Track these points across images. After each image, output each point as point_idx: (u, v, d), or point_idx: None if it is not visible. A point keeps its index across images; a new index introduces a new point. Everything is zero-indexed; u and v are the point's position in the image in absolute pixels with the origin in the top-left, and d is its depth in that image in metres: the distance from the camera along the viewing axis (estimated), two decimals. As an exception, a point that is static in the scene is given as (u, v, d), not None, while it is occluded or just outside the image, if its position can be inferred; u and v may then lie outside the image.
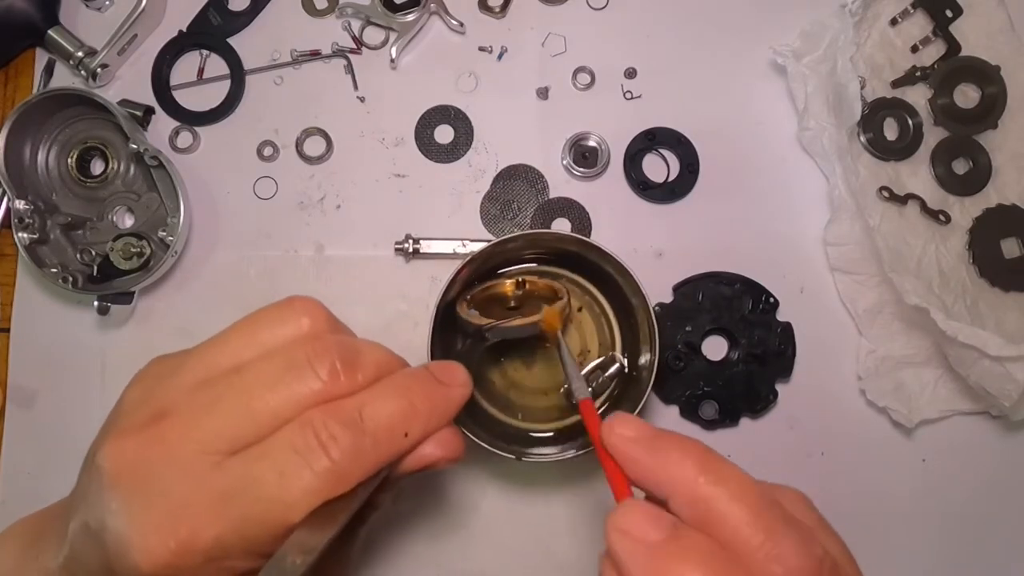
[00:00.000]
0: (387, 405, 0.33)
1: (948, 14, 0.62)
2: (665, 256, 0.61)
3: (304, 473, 0.30)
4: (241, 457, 0.31)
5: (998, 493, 0.59)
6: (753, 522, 0.27)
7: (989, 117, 0.62)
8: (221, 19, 0.63)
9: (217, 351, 0.34)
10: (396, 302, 0.60)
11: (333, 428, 0.31)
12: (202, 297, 0.60)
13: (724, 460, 0.30)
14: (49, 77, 0.62)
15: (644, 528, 0.28)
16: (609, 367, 0.53)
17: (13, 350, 0.59)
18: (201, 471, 0.30)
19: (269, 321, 0.34)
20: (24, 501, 0.57)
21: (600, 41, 0.63)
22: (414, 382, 0.34)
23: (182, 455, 0.31)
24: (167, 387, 0.33)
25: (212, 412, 0.31)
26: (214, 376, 0.33)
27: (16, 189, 0.56)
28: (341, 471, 0.31)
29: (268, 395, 0.31)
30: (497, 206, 0.61)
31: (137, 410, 0.33)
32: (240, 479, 0.30)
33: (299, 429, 0.31)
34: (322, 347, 0.33)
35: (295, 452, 0.30)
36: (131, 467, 0.31)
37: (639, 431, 0.31)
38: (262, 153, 0.62)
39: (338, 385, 0.32)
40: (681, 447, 0.30)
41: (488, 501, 0.57)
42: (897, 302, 0.58)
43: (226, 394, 0.32)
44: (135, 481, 0.31)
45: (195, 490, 0.30)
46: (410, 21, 0.62)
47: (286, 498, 0.30)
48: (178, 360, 0.34)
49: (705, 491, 0.28)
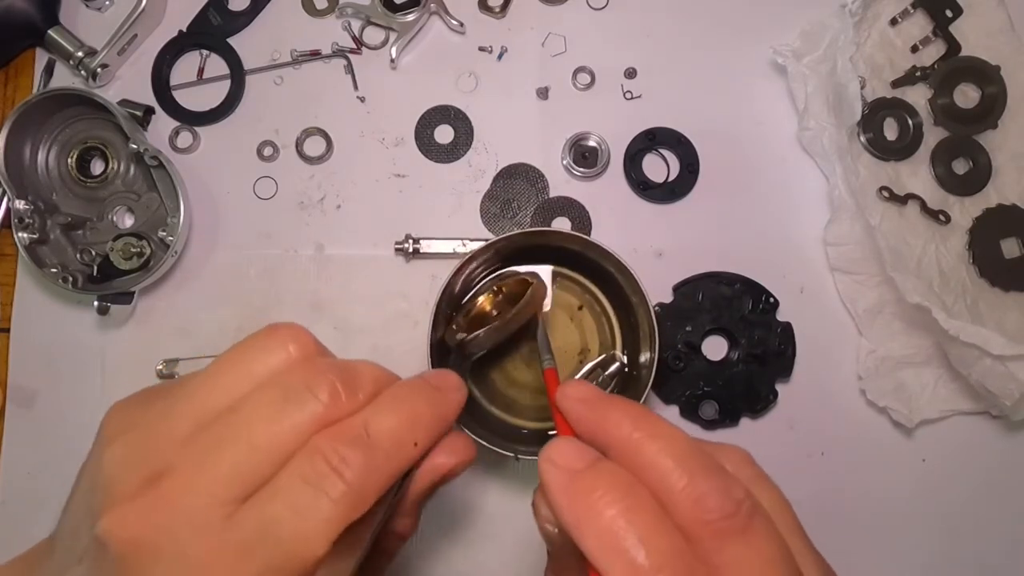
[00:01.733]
0: (391, 417, 0.32)
1: (948, 14, 0.62)
2: (665, 256, 0.61)
3: (321, 503, 0.29)
4: (253, 502, 0.29)
5: (998, 493, 0.59)
6: (677, 467, 0.28)
7: (989, 117, 0.62)
8: (221, 19, 0.63)
9: (205, 391, 0.31)
10: (396, 301, 0.60)
11: (342, 450, 0.29)
12: (202, 297, 0.60)
13: (661, 420, 0.30)
14: (49, 77, 0.62)
15: (569, 458, 0.29)
16: (609, 366, 0.53)
17: (13, 350, 0.59)
18: (215, 526, 0.28)
19: (255, 351, 0.32)
20: (24, 501, 0.57)
21: (600, 41, 0.63)
22: (412, 392, 0.34)
23: (191, 512, 0.29)
24: (157, 441, 0.30)
25: (214, 460, 0.29)
26: (207, 419, 0.30)
27: (16, 189, 0.56)
28: (358, 492, 0.30)
29: (270, 429, 0.30)
30: (497, 205, 0.61)
31: (128, 473, 0.30)
32: (257, 526, 0.29)
33: (307, 458, 0.29)
34: (318, 370, 0.31)
35: (307, 483, 0.29)
36: (138, 538, 0.29)
37: (586, 393, 0.33)
38: (262, 153, 0.62)
39: (340, 406, 0.31)
40: (621, 408, 0.31)
41: (490, 500, 0.57)
42: (897, 302, 0.58)
43: (225, 437, 0.30)
44: (146, 552, 0.29)
45: (212, 547, 0.28)
46: (410, 21, 0.62)
47: (307, 534, 0.29)
48: (160, 406, 0.32)
49: (637, 443, 0.29)
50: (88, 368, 0.59)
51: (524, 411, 0.54)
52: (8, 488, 0.58)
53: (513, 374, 0.54)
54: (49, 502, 0.43)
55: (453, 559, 0.57)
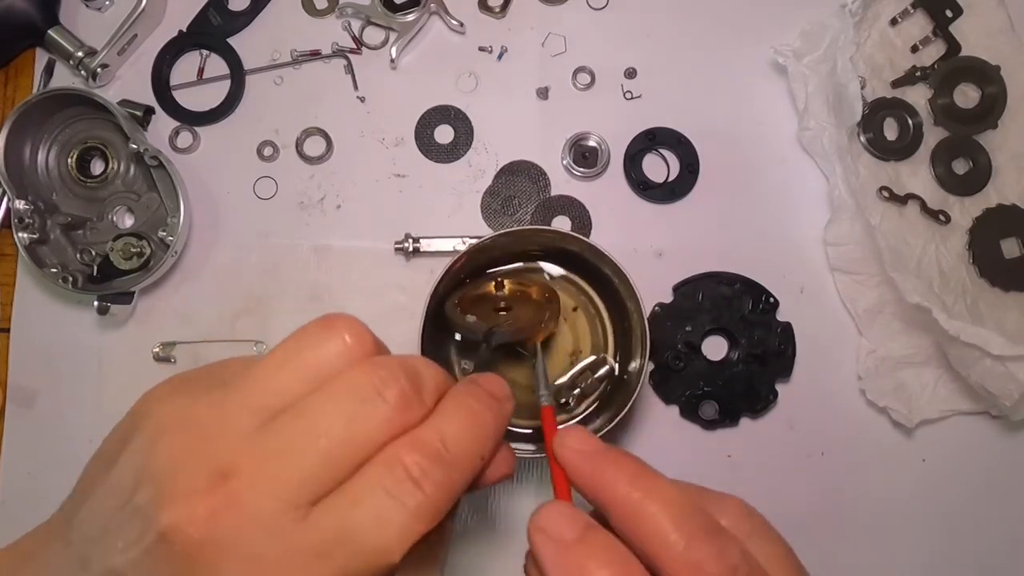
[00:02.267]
0: (465, 431, 0.31)
1: (948, 14, 0.62)
2: (665, 256, 0.61)
3: (400, 515, 0.29)
4: (328, 507, 0.29)
5: (998, 493, 0.59)
6: (674, 530, 0.28)
7: (989, 117, 0.62)
8: (221, 19, 0.63)
9: (266, 385, 0.31)
10: (395, 294, 0.60)
11: (423, 463, 0.29)
12: (202, 297, 0.60)
13: (657, 475, 0.30)
14: (49, 77, 0.62)
15: (560, 527, 0.29)
16: (599, 368, 0.53)
17: (13, 350, 0.59)
18: (288, 529, 0.28)
19: (311, 345, 0.31)
20: (24, 501, 0.57)
21: (600, 41, 0.63)
22: (477, 401, 0.33)
23: (262, 514, 0.28)
24: (219, 438, 0.30)
25: (285, 462, 0.29)
26: (269, 415, 0.30)
27: (16, 189, 0.56)
28: (434, 505, 0.29)
29: (343, 435, 0.29)
30: (498, 201, 0.61)
31: (191, 467, 0.29)
32: (333, 531, 0.28)
33: (388, 469, 0.29)
34: (387, 373, 0.30)
35: (388, 494, 0.29)
36: (209, 536, 0.28)
37: (584, 445, 0.32)
38: (262, 153, 0.62)
39: (411, 413, 0.30)
40: (616, 463, 0.31)
41: (477, 495, 0.57)
42: (897, 302, 0.58)
43: (296, 439, 0.29)
44: (218, 551, 0.28)
45: (286, 551, 0.28)
46: (410, 21, 0.62)
47: (385, 544, 0.28)
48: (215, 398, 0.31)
49: (634, 503, 0.29)
50: (88, 368, 0.59)
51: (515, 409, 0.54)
52: (8, 488, 0.58)
53: (505, 371, 0.54)
54: (49, 502, 0.43)
55: None
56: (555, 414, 0.40)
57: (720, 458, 0.58)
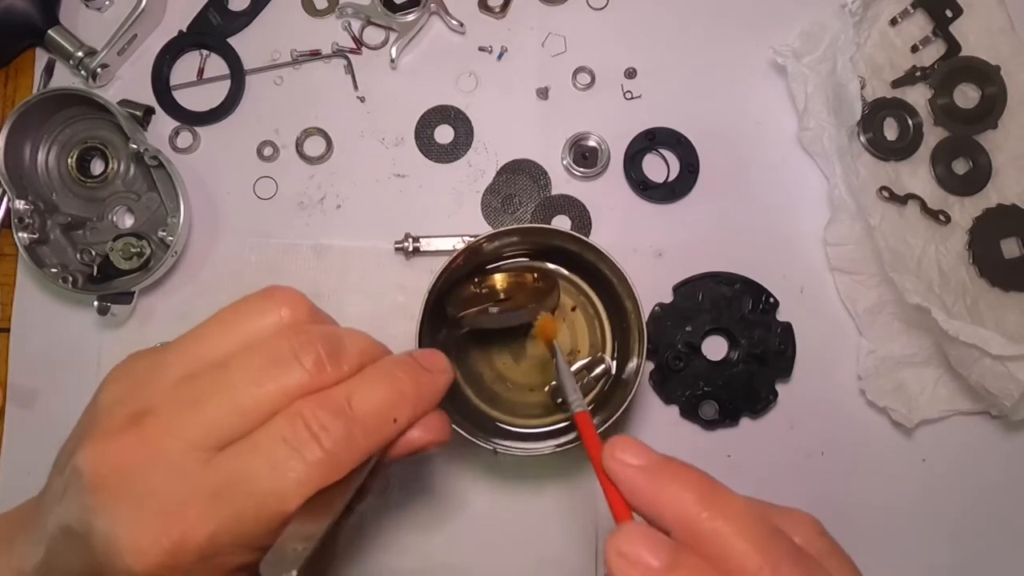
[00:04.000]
0: (375, 392, 0.33)
1: (948, 14, 0.62)
2: (665, 256, 0.61)
3: (297, 464, 0.30)
4: (231, 452, 0.31)
5: (998, 493, 0.59)
6: (757, 557, 0.27)
7: (989, 117, 0.62)
8: (221, 19, 0.63)
9: (197, 345, 0.33)
10: (394, 294, 0.60)
11: (323, 418, 0.31)
12: (202, 297, 0.60)
13: (726, 491, 0.29)
14: (49, 77, 0.62)
15: (643, 554, 0.28)
16: (595, 368, 0.53)
17: (13, 350, 0.59)
18: (190, 469, 0.30)
19: (249, 312, 0.34)
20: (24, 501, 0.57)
21: (600, 41, 0.63)
22: (399, 369, 0.35)
23: (168, 454, 0.30)
24: (147, 385, 0.33)
25: (197, 409, 0.31)
26: (196, 371, 0.32)
27: (16, 189, 0.56)
28: (334, 460, 0.31)
29: (254, 389, 0.31)
30: (499, 199, 0.61)
31: (116, 410, 0.32)
32: (231, 475, 0.30)
33: (289, 421, 0.31)
34: (306, 339, 0.32)
35: (286, 444, 0.30)
36: (115, 469, 0.30)
37: (639, 458, 0.30)
38: (262, 153, 0.62)
39: (324, 376, 0.32)
40: (681, 479, 0.29)
41: (473, 495, 0.57)
42: (897, 302, 0.58)
43: (211, 390, 0.31)
44: (121, 484, 0.30)
45: (185, 489, 0.30)
46: (410, 21, 0.62)
47: (280, 490, 0.30)
48: (156, 356, 0.34)
49: (706, 526, 0.28)
50: (88, 368, 0.59)
51: (507, 406, 0.54)
52: (8, 488, 0.58)
53: (500, 369, 0.54)
54: (49, 502, 0.44)
55: (432, 552, 0.57)
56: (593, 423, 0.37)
57: (720, 458, 0.58)
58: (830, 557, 0.31)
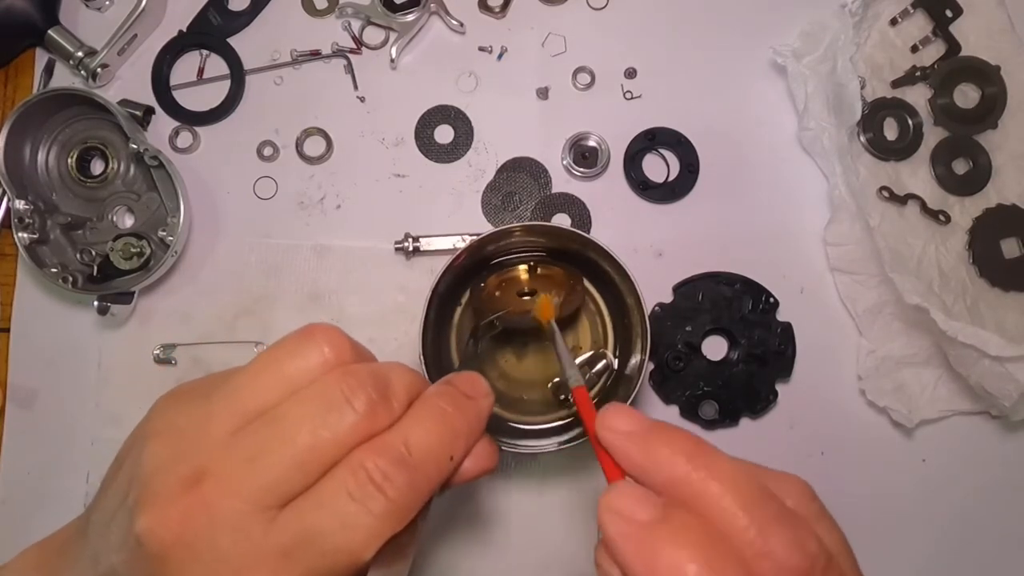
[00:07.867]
0: (430, 433, 0.32)
1: (948, 14, 0.62)
2: (665, 256, 0.61)
3: (365, 518, 0.29)
4: (296, 510, 0.30)
5: (998, 493, 0.59)
6: (744, 517, 0.27)
7: (989, 117, 0.62)
8: (221, 19, 0.63)
9: (242, 394, 0.32)
10: (394, 294, 0.60)
11: (385, 467, 0.30)
12: (202, 297, 0.60)
13: (715, 452, 0.29)
14: (49, 77, 0.62)
15: (634, 508, 0.28)
16: (597, 363, 0.53)
17: (13, 350, 0.59)
18: (256, 530, 0.29)
19: (291, 355, 0.33)
20: (24, 501, 0.57)
21: (600, 41, 0.63)
22: (447, 403, 0.34)
23: (232, 516, 0.29)
24: (196, 442, 0.31)
25: (255, 466, 0.30)
26: (245, 424, 0.31)
27: (16, 189, 0.56)
28: (400, 508, 0.30)
29: (311, 440, 0.30)
30: (499, 196, 0.61)
31: (168, 472, 0.30)
32: (299, 534, 0.29)
33: (352, 474, 0.30)
34: (355, 381, 0.31)
35: (352, 499, 0.29)
36: (180, 538, 0.29)
37: (631, 424, 0.31)
38: (262, 153, 0.62)
39: (377, 418, 0.31)
40: (672, 442, 0.30)
41: (476, 493, 0.57)
42: (897, 302, 0.58)
43: (266, 445, 0.30)
44: (189, 552, 0.29)
45: (253, 552, 0.29)
46: (410, 21, 0.62)
47: (351, 546, 0.29)
48: (198, 408, 0.32)
49: (697, 487, 0.28)
50: (88, 368, 0.59)
51: (511, 404, 0.54)
52: (8, 488, 0.58)
53: (504, 367, 0.54)
54: (49, 502, 0.43)
55: (432, 552, 0.57)
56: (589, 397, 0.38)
57: (720, 458, 0.58)
58: (820, 521, 0.31)
